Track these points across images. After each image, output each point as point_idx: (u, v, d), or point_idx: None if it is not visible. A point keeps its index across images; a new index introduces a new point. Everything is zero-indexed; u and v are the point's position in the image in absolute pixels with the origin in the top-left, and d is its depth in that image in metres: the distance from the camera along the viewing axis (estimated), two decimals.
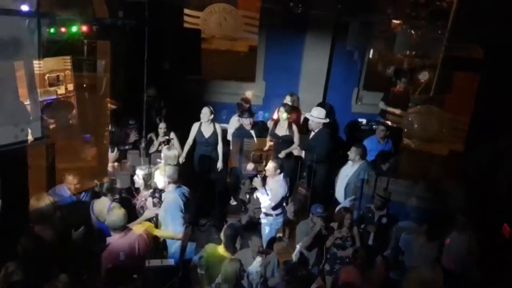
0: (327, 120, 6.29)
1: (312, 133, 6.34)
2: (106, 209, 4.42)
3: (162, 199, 4.71)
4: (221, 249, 4.08)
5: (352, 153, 5.64)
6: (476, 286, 4.21)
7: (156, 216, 4.71)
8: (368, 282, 3.87)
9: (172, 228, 4.57)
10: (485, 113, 6.18)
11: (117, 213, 3.99)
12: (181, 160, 6.00)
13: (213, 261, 4.09)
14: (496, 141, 6.11)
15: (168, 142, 6.10)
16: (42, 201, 4.17)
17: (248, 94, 6.98)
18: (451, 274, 4.06)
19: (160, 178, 4.67)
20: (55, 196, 4.62)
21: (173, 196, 4.63)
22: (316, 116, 6.19)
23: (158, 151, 6.06)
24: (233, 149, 6.53)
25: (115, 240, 4.03)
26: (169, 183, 4.68)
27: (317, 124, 6.21)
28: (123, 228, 4.03)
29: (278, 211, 5.48)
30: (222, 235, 4.01)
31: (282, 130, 6.45)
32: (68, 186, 4.75)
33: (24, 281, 3.41)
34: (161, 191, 4.79)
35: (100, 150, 6.16)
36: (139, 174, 4.87)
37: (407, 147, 6.83)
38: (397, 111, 7.67)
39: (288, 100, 6.92)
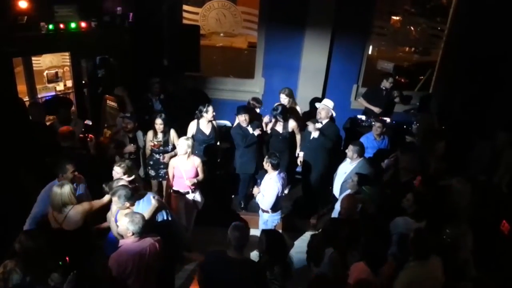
0: (332, 108, 6.35)
1: (321, 124, 6.36)
2: (115, 212, 4.32)
3: None
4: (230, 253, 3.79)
5: (350, 151, 5.61)
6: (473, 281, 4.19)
7: None
8: (380, 279, 3.85)
9: None
10: None
11: (138, 220, 3.79)
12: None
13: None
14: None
15: (163, 145, 6.06)
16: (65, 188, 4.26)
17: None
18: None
19: (119, 203, 4.22)
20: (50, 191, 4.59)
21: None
22: (326, 104, 6.30)
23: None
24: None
25: (129, 244, 3.83)
26: (130, 205, 4.27)
27: (327, 114, 6.29)
28: (141, 234, 3.85)
29: (276, 208, 5.46)
30: (230, 238, 3.74)
31: (280, 128, 6.48)
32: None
33: (23, 279, 3.40)
34: None
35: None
36: (118, 172, 4.70)
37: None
38: (376, 110, 7.68)
39: (283, 97, 6.87)
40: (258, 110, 6.73)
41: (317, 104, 6.46)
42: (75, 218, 4.32)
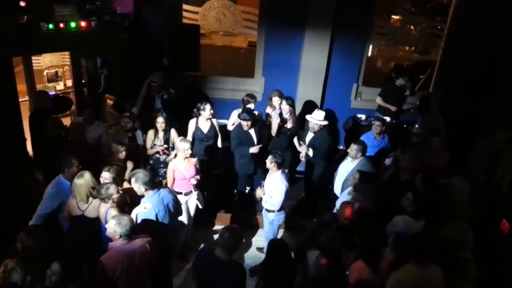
0: (326, 122, 6.27)
1: (313, 135, 6.32)
2: (104, 214, 4.31)
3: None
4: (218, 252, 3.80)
5: (353, 150, 5.59)
6: (473, 281, 4.19)
7: None
8: (378, 275, 3.85)
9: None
10: None
11: (126, 222, 3.76)
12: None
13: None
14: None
15: (168, 150, 6.03)
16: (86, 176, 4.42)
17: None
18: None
19: (136, 186, 4.46)
20: (58, 186, 4.70)
21: (148, 205, 4.47)
22: (316, 118, 6.19)
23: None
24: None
25: (117, 247, 3.79)
26: (146, 190, 4.48)
27: (318, 127, 6.22)
28: (129, 236, 3.81)
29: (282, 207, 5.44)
30: (219, 237, 3.76)
31: (289, 123, 6.53)
32: (66, 176, 4.74)
33: (23, 278, 3.41)
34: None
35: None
36: (107, 177, 4.67)
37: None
38: (393, 108, 7.69)
39: (276, 100, 6.81)
40: (252, 106, 6.69)
41: (308, 117, 6.31)
42: (98, 206, 4.40)
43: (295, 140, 6.67)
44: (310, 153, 6.22)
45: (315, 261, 4.06)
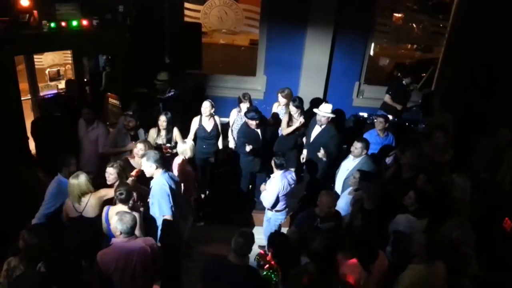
0: (334, 115, 6.20)
1: (320, 129, 6.24)
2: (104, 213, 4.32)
3: (150, 186, 4.60)
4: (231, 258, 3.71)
5: (357, 148, 5.52)
6: (475, 278, 4.19)
7: None
8: (371, 275, 3.82)
9: (159, 212, 4.53)
10: None
11: (127, 220, 3.75)
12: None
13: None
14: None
15: (172, 149, 6.01)
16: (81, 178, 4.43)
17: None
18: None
19: (147, 164, 4.52)
20: (59, 186, 4.71)
21: (159, 182, 4.51)
22: (324, 111, 6.10)
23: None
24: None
25: (117, 244, 3.78)
26: (156, 168, 4.54)
27: (326, 120, 6.14)
28: (130, 234, 3.79)
29: (280, 207, 5.43)
30: (233, 243, 3.66)
31: (297, 123, 6.50)
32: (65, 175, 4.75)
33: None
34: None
35: None
36: (112, 173, 4.68)
37: None
38: (399, 107, 7.68)
39: (279, 97, 6.84)
40: (246, 105, 6.66)
41: (316, 110, 6.23)
42: (95, 205, 4.43)
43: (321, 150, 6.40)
44: (323, 155, 6.01)
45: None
